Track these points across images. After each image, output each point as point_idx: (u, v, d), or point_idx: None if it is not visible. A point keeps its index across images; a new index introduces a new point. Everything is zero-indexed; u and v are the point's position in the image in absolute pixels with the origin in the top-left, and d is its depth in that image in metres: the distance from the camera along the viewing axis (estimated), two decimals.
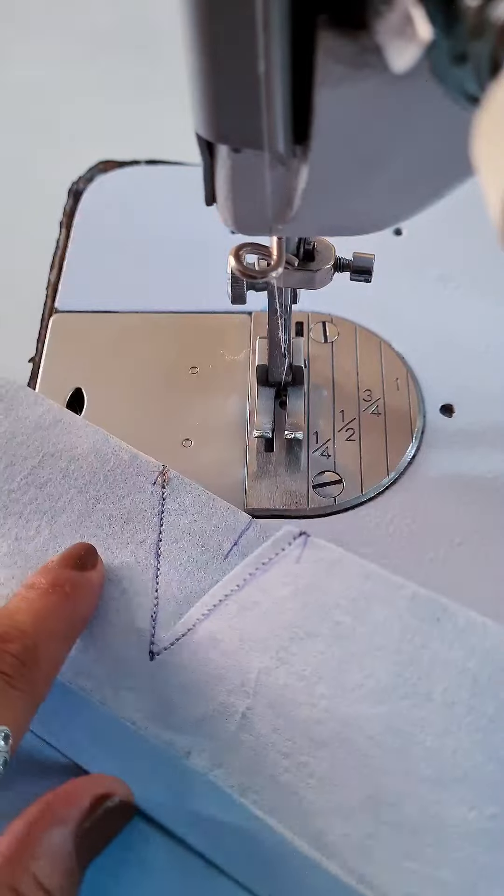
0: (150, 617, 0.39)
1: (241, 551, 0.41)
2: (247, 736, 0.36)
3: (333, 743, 0.36)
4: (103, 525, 0.42)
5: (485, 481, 0.46)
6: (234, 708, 0.37)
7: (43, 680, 0.33)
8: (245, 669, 0.38)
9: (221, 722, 0.36)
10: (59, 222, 0.58)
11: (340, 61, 0.22)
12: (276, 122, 0.25)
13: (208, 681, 0.37)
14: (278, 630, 0.38)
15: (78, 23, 0.74)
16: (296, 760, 0.36)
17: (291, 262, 0.39)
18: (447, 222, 0.52)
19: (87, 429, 0.45)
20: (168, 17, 0.29)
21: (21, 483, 0.43)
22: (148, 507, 0.42)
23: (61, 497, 0.43)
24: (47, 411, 0.45)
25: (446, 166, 0.27)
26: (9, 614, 0.35)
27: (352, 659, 0.37)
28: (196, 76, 0.25)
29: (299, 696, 0.37)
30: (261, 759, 0.36)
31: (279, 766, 0.36)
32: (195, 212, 0.37)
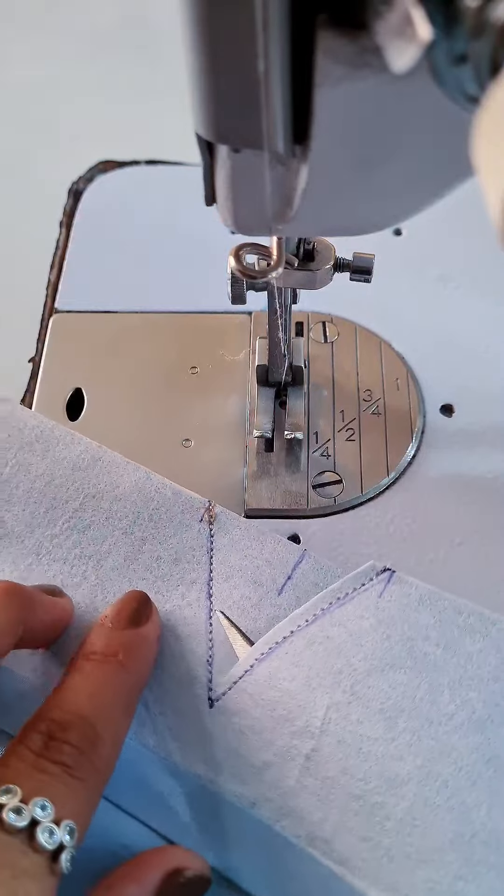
0: (207, 661, 0.38)
1: (295, 584, 0.40)
2: (311, 780, 0.34)
3: (414, 779, 0.34)
4: (151, 567, 0.41)
5: (485, 481, 0.46)
6: (296, 751, 0.35)
7: (105, 762, 0.32)
8: (311, 708, 0.36)
9: (284, 767, 0.35)
10: (59, 222, 0.58)
11: (340, 61, 0.22)
12: (275, 122, 0.25)
13: (269, 724, 0.36)
14: (355, 663, 0.37)
15: (78, 23, 0.74)
16: (369, 802, 0.34)
17: (291, 262, 0.39)
18: (447, 222, 0.52)
19: (128, 466, 0.43)
20: (168, 17, 0.29)
21: (63, 527, 0.42)
22: (196, 545, 0.41)
23: (106, 540, 0.41)
24: (85, 450, 0.44)
25: (446, 166, 0.27)
26: (64, 696, 0.33)
27: (441, 689, 0.36)
28: (196, 76, 0.25)
29: (375, 732, 0.35)
30: (328, 805, 0.34)
31: (349, 810, 0.34)
32: (195, 212, 0.37)
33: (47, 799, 0.29)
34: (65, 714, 0.32)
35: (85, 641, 0.36)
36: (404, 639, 0.37)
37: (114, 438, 0.48)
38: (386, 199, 0.30)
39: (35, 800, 0.29)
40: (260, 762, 0.35)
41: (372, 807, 0.34)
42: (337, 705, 0.36)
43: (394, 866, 0.33)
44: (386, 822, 0.33)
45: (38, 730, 0.31)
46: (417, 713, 0.35)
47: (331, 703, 0.36)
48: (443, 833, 0.33)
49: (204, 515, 0.42)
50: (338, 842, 0.33)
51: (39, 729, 0.31)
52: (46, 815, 0.28)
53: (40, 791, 0.29)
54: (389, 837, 0.33)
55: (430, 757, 0.34)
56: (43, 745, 0.31)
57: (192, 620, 0.39)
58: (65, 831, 0.29)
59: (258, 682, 0.37)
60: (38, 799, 0.29)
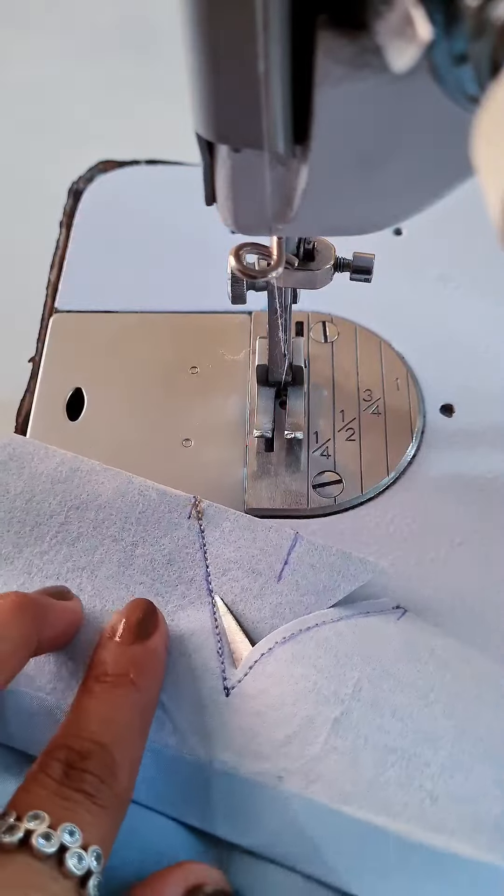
0: (217, 653, 0.38)
1: (293, 568, 0.40)
2: (340, 742, 0.34)
3: (451, 735, 0.34)
4: (147, 570, 0.41)
5: (485, 481, 0.46)
6: (323, 717, 0.35)
7: (125, 788, 0.32)
8: (341, 679, 0.36)
9: (309, 734, 0.35)
10: (59, 222, 0.58)
11: (340, 61, 0.22)
12: (275, 121, 0.25)
13: (291, 698, 0.36)
14: (382, 652, 0.37)
15: (78, 23, 0.74)
16: (407, 753, 0.34)
17: (291, 261, 0.39)
18: (447, 222, 0.52)
19: (108, 473, 0.43)
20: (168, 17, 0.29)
21: (52, 543, 0.41)
22: (188, 542, 0.41)
23: (97, 550, 0.41)
24: (61, 462, 0.43)
25: (446, 166, 0.27)
26: (80, 722, 0.33)
27: (465, 678, 0.37)
28: (196, 76, 0.25)
29: (408, 699, 0.35)
30: (360, 762, 0.34)
31: (385, 763, 0.34)
32: (195, 212, 0.37)
33: (75, 825, 0.29)
34: (83, 742, 0.32)
35: (94, 661, 0.36)
36: (426, 646, 0.38)
37: (114, 438, 0.48)
38: (386, 199, 0.30)
39: (63, 825, 0.29)
40: (282, 736, 0.35)
41: (410, 757, 0.34)
42: (368, 678, 0.36)
43: (437, 807, 0.33)
44: (426, 769, 0.34)
45: (57, 758, 0.31)
46: (446, 690, 0.36)
47: (361, 675, 0.36)
48: (485, 776, 0.33)
49: (191, 512, 0.42)
50: (374, 794, 0.33)
51: (58, 757, 0.31)
52: (74, 840, 0.29)
53: (67, 817, 0.29)
54: (431, 781, 0.33)
55: (463, 718, 0.35)
56: (63, 774, 0.31)
57: (196, 617, 0.39)
58: (92, 857, 0.29)
59: (280, 661, 0.37)
60: (66, 824, 0.29)
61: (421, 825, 0.33)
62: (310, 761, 0.34)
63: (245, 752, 0.35)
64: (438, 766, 0.34)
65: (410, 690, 0.36)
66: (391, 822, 0.33)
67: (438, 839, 0.32)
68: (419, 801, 0.33)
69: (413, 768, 0.34)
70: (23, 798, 0.30)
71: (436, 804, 0.33)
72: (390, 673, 0.36)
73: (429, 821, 0.33)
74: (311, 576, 0.40)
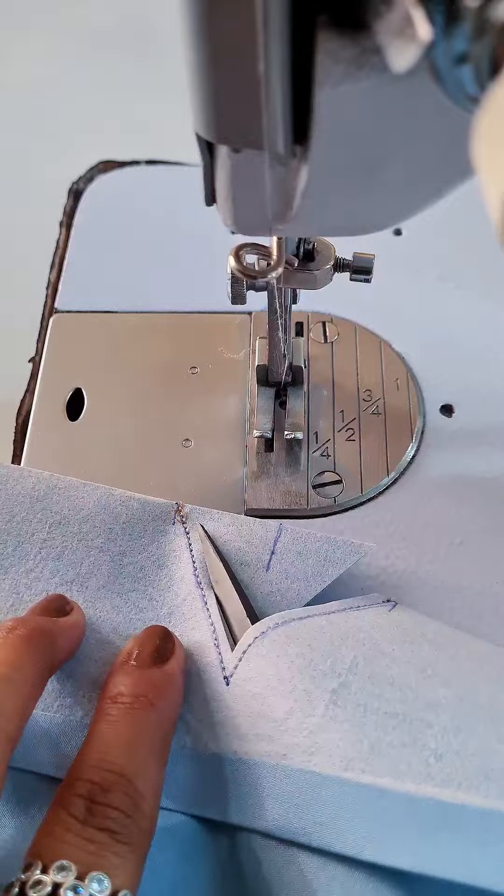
0: (214, 644, 0.38)
1: (280, 557, 0.40)
2: (339, 711, 0.34)
3: (451, 701, 0.34)
4: (138, 577, 0.40)
5: (485, 481, 0.46)
6: (321, 689, 0.35)
7: (150, 819, 0.31)
8: (337, 655, 0.36)
9: (307, 706, 0.35)
10: (59, 222, 0.58)
11: (340, 62, 0.22)
12: (275, 122, 0.25)
13: (288, 674, 0.36)
14: (376, 636, 0.37)
15: (78, 23, 0.74)
16: (408, 717, 0.34)
17: (291, 262, 0.39)
18: (447, 222, 0.52)
19: (87, 488, 0.42)
20: (168, 18, 0.29)
21: (37, 560, 0.41)
22: (175, 546, 0.41)
23: (83, 562, 0.41)
24: (38, 481, 0.42)
25: (446, 166, 0.27)
26: (99, 752, 0.32)
27: (461, 658, 0.37)
28: (196, 76, 0.25)
29: (406, 673, 0.35)
30: (361, 727, 0.34)
31: (386, 727, 0.34)
32: (195, 212, 0.37)
33: (103, 872, 0.28)
34: (104, 774, 0.31)
35: (109, 683, 0.35)
36: (419, 633, 0.38)
37: (114, 438, 0.48)
38: (386, 199, 0.30)
39: (91, 874, 0.28)
40: (282, 712, 0.35)
41: (412, 720, 0.34)
42: (364, 655, 0.36)
43: (442, 763, 0.33)
44: (428, 730, 0.34)
45: (78, 793, 0.30)
46: (443, 667, 0.36)
47: (357, 653, 0.36)
48: (488, 734, 0.33)
49: (175, 517, 0.42)
50: (377, 757, 0.33)
51: (80, 793, 0.30)
52: (103, 889, 0.28)
53: (94, 864, 0.28)
54: (435, 740, 0.33)
55: (462, 686, 0.35)
56: (87, 811, 0.30)
57: (191, 614, 0.39)
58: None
59: (274, 642, 0.37)
60: (93, 874, 0.28)
61: (427, 782, 0.32)
62: (310, 733, 0.34)
63: (250, 736, 0.35)
64: (441, 727, 0.34)
65: (407, 666, 0.36)
66: (397, 782, 0.32)
67: (445, 792, 0.32)
68: (423, 760, 0.33)
69: (415, 730, 0.34)
70: (46, 844, 0.29)
71: (441, 761, 0.33)
72: (385, 652, 0.37)
73: (434, 777, 0.32)
74: (298, 563, 0.40)
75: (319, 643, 0.37)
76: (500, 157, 0.17)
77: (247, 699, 0.36)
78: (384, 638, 0.37)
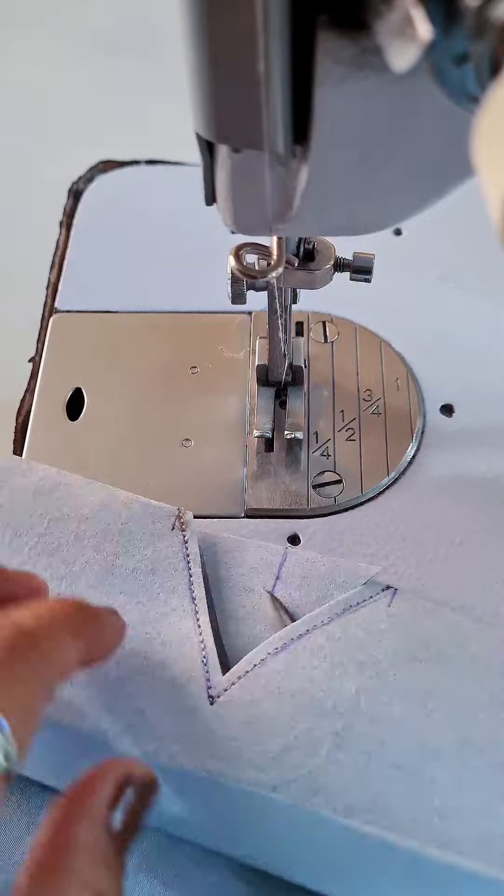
0: (202, 662, 0.37)
1: (285, 582, 0.40)
2: (343, 755, 0.34)
3: (454, 748, 0.35)
4: (128, 579, 0.40)
5: (485, 481, 0.46)
6: (323, 731, 0.35)
7: (44, 657, 0.30)
8: (338, 692, 0.36)
9: (310, 747, 0.35)
10: (60, 222, 0.58)
11: (340, 62, 0.22)
12: (275, 122, 0.25)
13: (289, 710, 0.36)
14: (376, 655, 0.37)
15: (78, 23, 0.74)
16: (412, 768, 0.34)
17: (291, 261, 0.39)
18: (447, 222, 0.52)
19: (91, 486, 0.42)
20: (168, 17, 0.29)
21: (30, 553, 0.41)
22: (171, 553, 0.41)
23: (77, 560, 0.40)
24: (44, 477, 0.43)
25: (446, 166, 0.27)
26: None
27: (461, 678, 0.37)
28: (196, 76, 0.25)
29: (408, 711, 0.36)
30: (365, 776, 0.34)
31: (390, 779, 0.34)
32: (195, 212, 0.37)
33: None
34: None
35: None
36: (419, 638, 0.38)
37: (114, 438, 0.48)
38: (386, 199, 0.30)
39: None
40: (277, 747, 0.35)
41: (415, 772, 0.34)
42: (365, 689, 0.36)
43: (446, 824, 0.33)
44: (432, 786, 0.34)
45: None
46: (444, 696, 0.36)
47: (359, 687, 0.36)
48: (491, 789, 0.34)
49: (175, 523, 0.41)
50: (381, 809, 0.33)
51: None
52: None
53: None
54: (438, 797, 0.33)
55: (464, 730, 0.35)
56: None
57: (179, 625, 0.39)
58: (9, 749, 0.27)
59: (274, 673, 0.37)
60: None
61: (431, 842, 0.33)
62: (312, 772, 0.34)
63: (234, 761, 0.35)
64: (444, 783, 0.34)
65: (409, 699, 0.36)
66: (402, 838, 0.33)
67: (449, 856, 0.32)
68: (427, 818, 0.33)
69: (419, 785, 0.34)
70: None
71: (445, 821, 0.33)
72: (387, 682, 0.36)
73: (438, 837, 0.33)
74: (303, 588, 0.40)
75: (319, 673, 0.37)
76: (500, 156, 0.17)
77: (235, 724, 0.36)
78: (385, 657, 0.37)
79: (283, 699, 0.36)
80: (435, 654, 0.38)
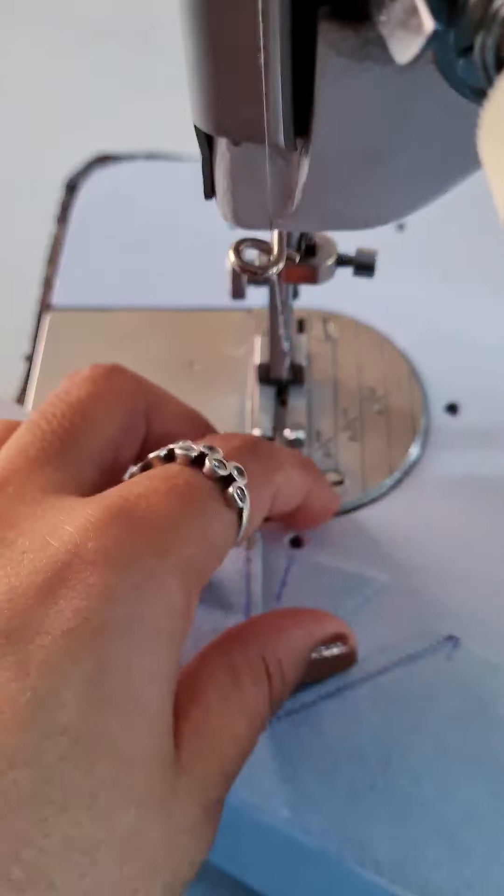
0: None
1: (293, 589, 0.40)
2: (382, 812, 0.34)
3: (495, 818, 0.34)
4: None
5: (490, 481, 0.46)
6: (364, 783, 0.35)
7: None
8: (384, 746, 0.36)
9: (349, 798, 0.34)
10: (56, 217, 0.58)
11: (342, 53, 0.22)
12: (276, 114, 0.25)
13: (329, 756, 0.35)
14: (429, 713, 0.37)
15: (76, 14, 0.74)
16: (448, 835, 0.34)
17: (292, 257, 0.39)
18: (451, 217, 0.52)
19: None
20: (167, 8, 0.28)
21: None
22: (233, 569, 0.41)
23: None
24: None
25: (451, 160, 0.27)
26: None
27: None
28: (195, 68, 0.25)
29: (455, 777, 0.35)
30: (401, 836, 0.34)
31: (426, 843, 0.34)
32: (194, 206, 0.36)
33: (244, 467, 0.30)
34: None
35: None
36: (475, 699, 0.37)
37: None
38: (390, 193, 0.29)
39: (232, 462, 0.29)
40: (317, 791, 0.34)
41: (451, 839, 0.34)
42: (413, 747, 0.36)
43: (472, 893, 0.32)
44: (466, 856, 0.33)
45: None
46: (495, 763, 0.35)
47: (406, 744, 0.36)
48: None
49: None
50: (411, 872, 0.33)
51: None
52: (242, 480, 0.29)
53: (238, 460, 0.30)
54: (470, 868, 0.33)
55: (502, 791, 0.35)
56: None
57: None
58: (248, 504, 0.29)
59: (323, 717, 0.36)
60: (235, 463, 0.30)
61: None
62: (347, 822, 0.34)
63: (272, 796, 0.35)
64: (479, 854, 0.33)
65: (456, 763, 0.36)
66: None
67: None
68: (455, 888, 0.33)
69: (454, 853, 0.33)
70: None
71: (471, 890, 0.33)
72: (436, 742, 0.36)
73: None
74: (310, 594, 0.40)
75: (368, 724, 0.36)
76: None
77: (277, 760, 0.35)
78: (437, 715, 0.37)
79: (328, 744, 0.36)
80: (490, 720, 0.37)
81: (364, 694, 0.37)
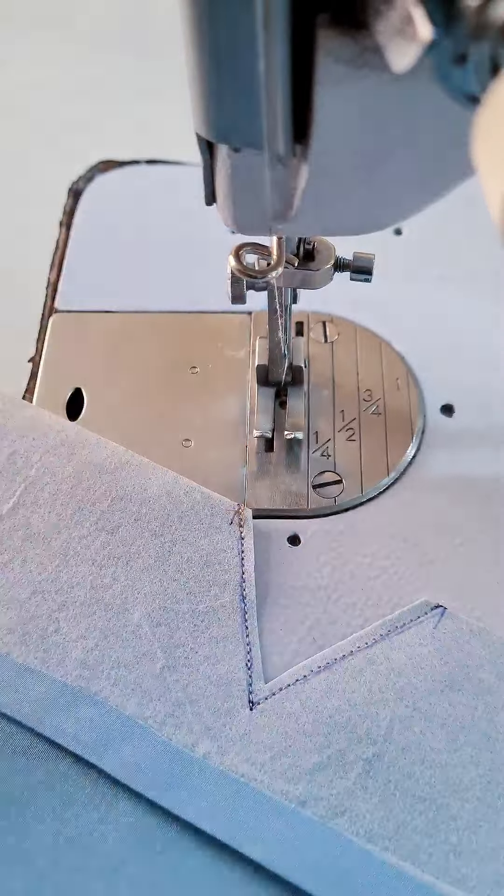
0: (246, 665, 0.38)
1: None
2: (372, 782, 0.35)
3: (478, 786, 0.35)
4: (182, 568, 0.41)
5: (485, 481, 0.46)
6: (355, 755, 0.36)
7: None
8: (374, 718, 0.37)
9: (341, 769, 0.36)
10: (60, 222, 0.58)
11: (340, 61, 0.22)
12: (276, 121, 0.25)
13: (324, 729, 0.37)
14: (415, 682, 0.38)
15: (78, 23, 0.74)
16: (435, 803, 0.35)
17: (291, 261, 0.39)
18: (447, 222, 0.52)
19: (156, 471, 0.44)
20: (168, 17, 0.29)
21: (91, 528, 0.42)
22: (226, 547, 0.41)
23: (135, 542, 0.41)
24: (112, 454, 0.44)
25: (447, 166, 0.27)
26: None
27: (497, 711, 0.37)
28: (196, 76, 0.25)
29: (438, 744, 0.36)
30: (390, 805, 0.35)
31: (413, 811, 0.35)
32: (195, 212, 0.37)
33: None
34: None
35: None
36: (460, 665, 0.38)
37: (113, 438, 0.48)
38: (387, 199, 0.30)
39: None
40: (310, 763, 0.36)
41: (438, 807, 0.35)
42: (399, 718, 0.37)
43: (461, 861, 0.34)
44: (452, 822, 0.35)
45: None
46: (476, 729, 0.37)
47: (393, 716, 0.37)
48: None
49: (234, 518, 0.42)
50: (401, 839, 0.34)
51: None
52: None
53: None
54: (457, 834, 0.34)
55: (490, 767, 0.36)
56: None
57: (226, 623, 0.39)
58: None
59: (315, 690, 0.37)
60: None
61: (444, 877, 0.34)
62: (340, 794, 0.35)
63: (267, 769, 0.36)
64: (465, 821, 0.35)
65: (442, 731, 0.37)
66: (417, 870, 0.34)
67: (459, 893, 0.33)
68: (444, 854, 0.34)
69: (440, 820, 0.35)
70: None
71: (459, 858, 0.34)
72: (422, 711, 0.37)
73: (452, 874, 0.34)
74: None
75: (358, 697, 0.37)
76: (500, 155, 0.17)
77: (272, 733, 0.36)
78: (424, 684, 0.38)
79: (321, 718, 0.37)
80: (475, 684, 0.38)
81: (354, 665, 0.38)
